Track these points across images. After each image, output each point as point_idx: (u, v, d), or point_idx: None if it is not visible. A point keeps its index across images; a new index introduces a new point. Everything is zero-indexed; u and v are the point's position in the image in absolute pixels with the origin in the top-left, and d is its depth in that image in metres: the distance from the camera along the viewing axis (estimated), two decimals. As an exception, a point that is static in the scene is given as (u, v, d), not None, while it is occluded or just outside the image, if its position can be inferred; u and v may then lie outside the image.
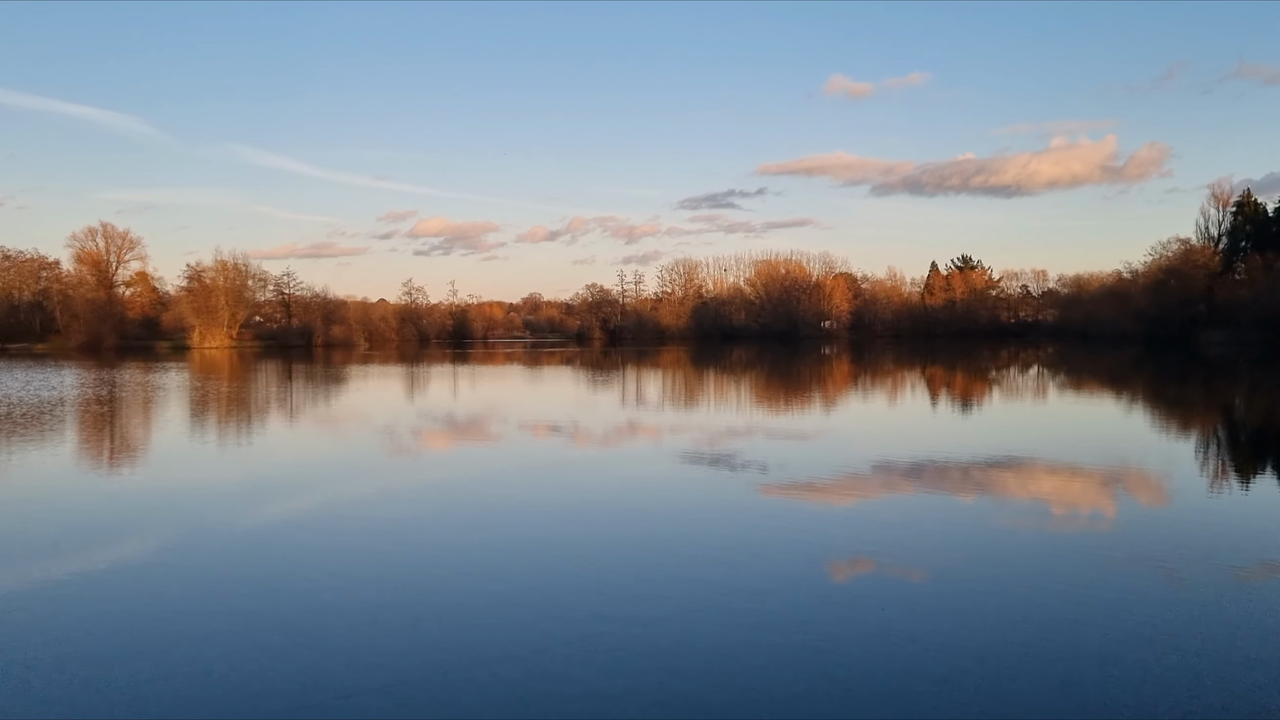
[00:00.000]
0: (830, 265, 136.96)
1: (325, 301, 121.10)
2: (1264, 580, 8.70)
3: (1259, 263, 77.03)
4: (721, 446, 18.81)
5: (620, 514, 12.21)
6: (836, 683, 6.22)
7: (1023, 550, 9.97)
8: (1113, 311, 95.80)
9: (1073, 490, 13.67)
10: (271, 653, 6.87)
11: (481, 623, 7.56)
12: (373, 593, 8.47)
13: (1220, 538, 10.40)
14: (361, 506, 13.07)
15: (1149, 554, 9.61)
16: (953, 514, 12.00)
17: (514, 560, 9.69)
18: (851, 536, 10.67)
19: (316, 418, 26.79)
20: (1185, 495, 13.38)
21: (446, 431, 22.66)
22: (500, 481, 15.31)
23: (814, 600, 8.09)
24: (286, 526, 11.68)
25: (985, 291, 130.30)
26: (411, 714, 5.80)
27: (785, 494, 13.41)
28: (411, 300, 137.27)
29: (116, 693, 6.15)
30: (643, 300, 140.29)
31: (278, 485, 15.05)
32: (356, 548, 10.32)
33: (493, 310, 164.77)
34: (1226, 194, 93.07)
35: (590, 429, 22.72)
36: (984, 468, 15.71)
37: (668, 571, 9.13)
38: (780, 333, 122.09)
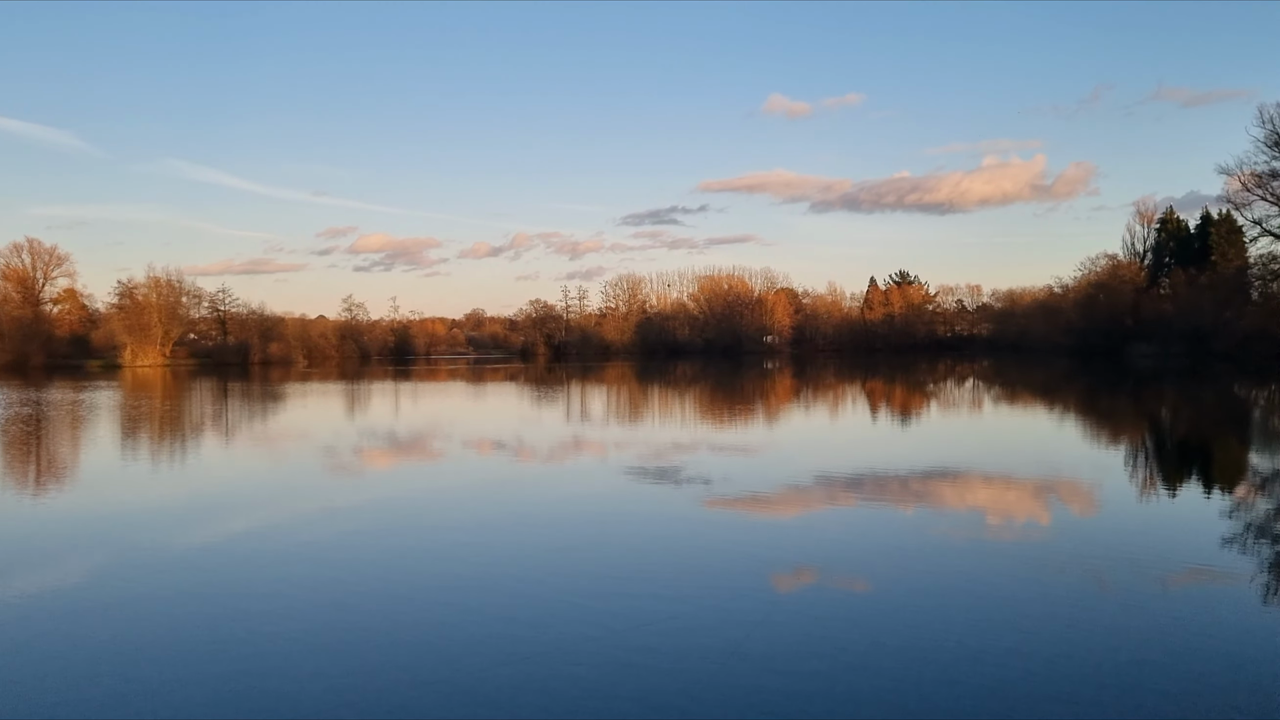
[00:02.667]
0: (772, 281, 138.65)
1: (262, 318, 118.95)
2: (1190, 585, 9.03)
3: (1182, 278, 79.70)
4: (666, 461, 18.92)
5: (564, 529, 12.21)
6: (780, 692, 6.31)
7: (960, 558, 10.21)
8: (1045, 325, 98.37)
9: (1008, 500, 14.03)
10: (210, 676, 6.76)
11: (426, 640, 7.52)
12: (315, 612, 8.38)
13: (1148, 544, 10.76)
14: (302, 526, 12.89)
15: (1080, 560, 9.91)
16: (893, 524, 12.23)
17: (457, 577, 9.65)
18: (795, 548, 10.83)
19: (254, 436, 26.32)
20: (1115, 503, 13.81)
21: (389, 449, 22.43)
22: (443, 499, 15.22)
23: (758, 611, 8.19)
24: (224, 548, 11.47)
25: (922, 306, 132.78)
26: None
27: (729, 507, 13.54)
28: (352, 317, 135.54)
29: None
30: (587, 316, 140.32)
31: (215, 506, 14.77)
32: (297, 568, 10.18)
33: (435, 326, 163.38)
34: (1151, 212, 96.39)
35: (535, 445, 22.67)
36: (922, 479, 16.03)
37: (611, 586, 9.17)
38: (724, 348, 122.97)
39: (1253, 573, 9.37)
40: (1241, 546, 10.60)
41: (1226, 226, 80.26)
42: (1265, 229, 69.71)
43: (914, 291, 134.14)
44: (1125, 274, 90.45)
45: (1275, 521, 12.27)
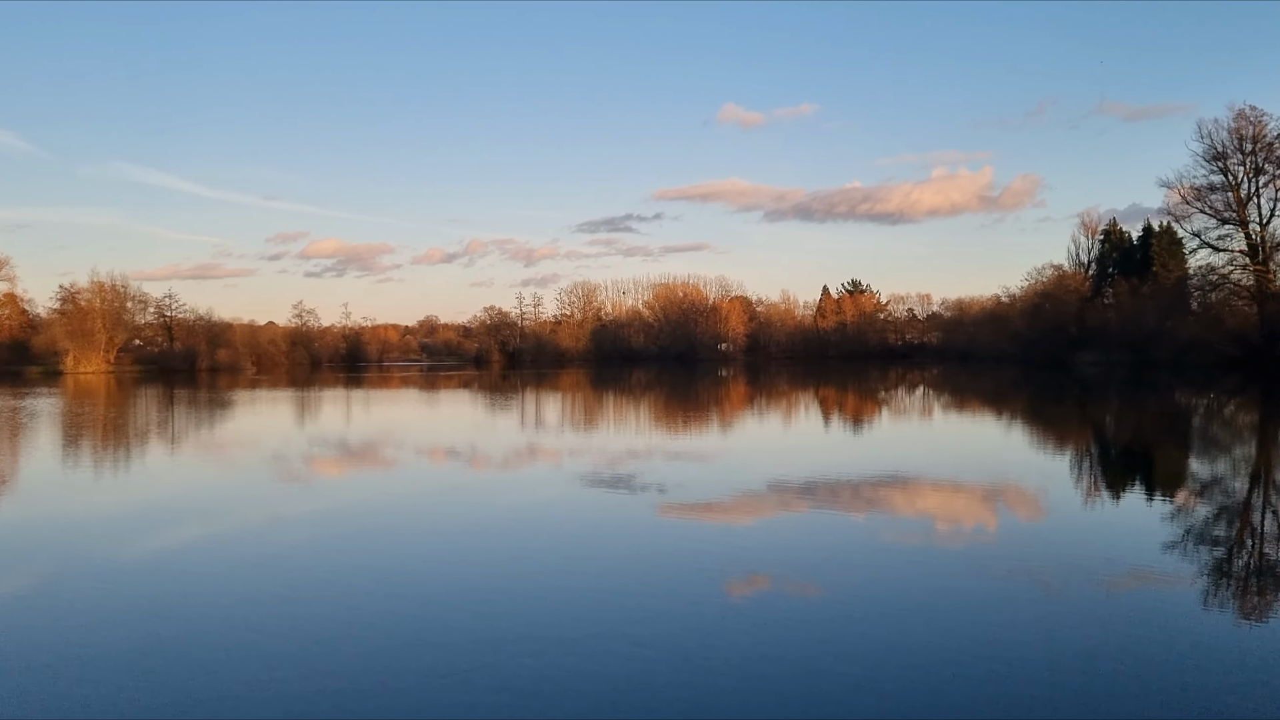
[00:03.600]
0: (726, 289, 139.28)
1: (210, 324, 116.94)
2: (1133, 588, 9.24)
3: (1125, 287, 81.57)
4: (621, 468, 18.92)
5: (517, 537, 12.15)
6: (733, 695, 6.35)
7: (910, 564, 10.34)
8: (993, 334, 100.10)
9: (957, 506, 14.24)
10: (157, 687, 6.63)
11: (377, 649, 7.44)
12: (263, 622, 8.24)
13: (1092, 549, 11.00)
14: (251, 535, 12.68)
15: (1026, 565, 10.10)
16: (845, 530, 12.36)
17: (407, 586, 9.56)
18: (748, 554, 10.89)
19: (201, 444, 25.84)
20: (1061, 509, 14.08)
21: (339, 457, 22.16)
22: (396, 507, 15.07)
23: (711, 616, 8.23)
24: (171, 557, 11.24)
25: (874, 315, 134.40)
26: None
27: (683, 514, 13.58)
28: (302, 323, 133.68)
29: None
30: (542, 323, 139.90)
31: (161, 515, 14.47)
32: (244, 578, 10.01)
33: (388, 333, 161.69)
34: (1095, 223, 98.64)
35: (488, 453, 22.54)
36: (874, 485, 16.21)
37: (567, 594, 9.14)
38: (678, 355, 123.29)
39: (1192, 576, 9.61)
40: (1182, 551, 10.86)
41: (1167, 238, 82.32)
42: (1204, 241, 71.63)
43: (866, 300, 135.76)
44: (1070, 284, 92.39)
45: (1213, 526, 12.60)
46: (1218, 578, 9.75)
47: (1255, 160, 66.98)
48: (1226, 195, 68.76)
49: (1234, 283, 69.96)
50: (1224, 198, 68.96)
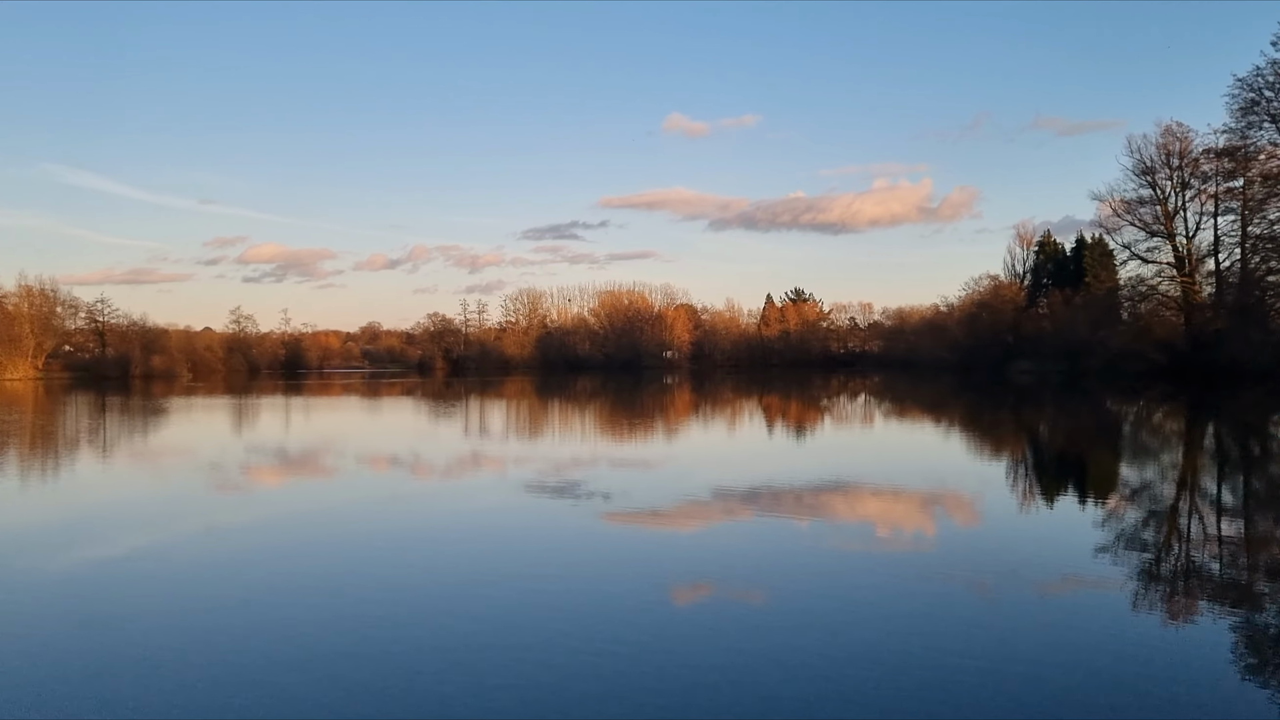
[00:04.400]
0: (672, 297, 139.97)
1: (144, 330, 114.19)
2: (1063, 592, 9.48)
3: (1059, 298, 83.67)
4: (566, 476, 18.87)
5: (460, 545, 12.06)
6: (673, 709, 6.37)
7: (851, 569, 10.48)
8: (932, 342, 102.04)
9: (897, 512, 14.47)
10: (89, 703, 6.44)
11: (316, 658, 7.32)
12: (198, 634, 8.06)
13: (1026, 553, 11.26)
14: (185, 546, 12.38)
15: (962, 570, 10.29)
16: (787, 537, 12.48)
17: (350, 596, 9.42)
18: (692, 561, 10.94)
19: (134, 453, 25.17)
20: (996, 514, 14.38)
21: (277, 466, 21.76)
22: (336, 516, 14.84)
23: (655, 622, 8.24)
24: (102, 570, 10.92)
25: (817, 323, 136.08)
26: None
27: (628, 521, 13.59)
28: (240, 329, 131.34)
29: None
30: (486, 330, 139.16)
31: (91, 526, 14.06)
32: (180, 589, 9.78)
33: (329, 340, 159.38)
34: (1030, 235, 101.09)
35: (431, 461, 22.33)
36: (816, 492, 16.39)
37: (510, 601, 9.09)
38: (624, 363, 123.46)
39: (1122, 580, 9.88)
40: (1113, 555, 11.16)
41: (1099, 250, 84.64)
42: (1134, 253, 73.83)
43: (809, 309, 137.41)
44: (1006, 294, 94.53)
45: (1143, 531, 12.97)
46: (1147, 581, 10.03)
47: (1182, 175, 69.30)
48: (1155, 209, 71.01)
49: (1162, 293, 72.21)
50: (1152, 211, 71.22)
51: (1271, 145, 59.72)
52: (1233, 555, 11.55)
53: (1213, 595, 9.49)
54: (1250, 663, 7.28)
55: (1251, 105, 58.53)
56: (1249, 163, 61.58)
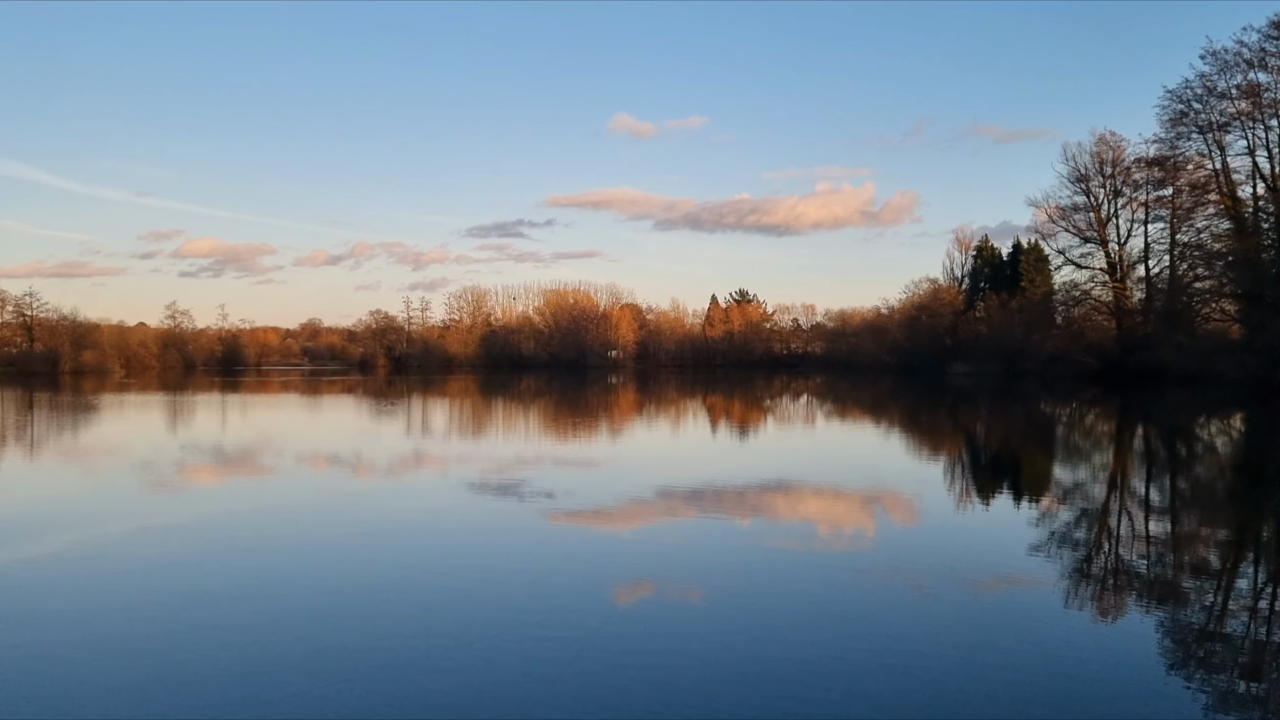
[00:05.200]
0: (617, 296, 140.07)
1: (75, 324, 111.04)
2: (998, 590, 9.66)
3: (995, 302, 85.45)
4: (509, 475, 18.75)
5: (403, 545, 11.91)
6: (611, 706, 6.35)
7: (792, 568, 10.57)
8: (872, 344, 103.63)
9: (836, 511, 14.63)
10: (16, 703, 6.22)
11: (253, 661, 7.16)
12: (126, 638, 7.83)
13: (962, 552, 11.46)
14: (115, 547, 12.03)
15: (900, 569, 10.44)
16: (729, 536, 12.54)
17: (287, 599, 9.24)
18: (635, 560, 10.94)
19: (61, 451, 24.40)
20: (933, 514, 14.62)
21: (212, 465, 21.28)
22: (273, 517, 14.55)
23: (597, 622, 8.22)
24: (26, 572, 10.56)
25: (761, 324, 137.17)
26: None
27: (572, 521, 13.55)
28: (176, 324, 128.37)
29: None
30: (430, 328, 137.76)
31: (15, 526, 13.59)
32: (108, 592, 9.50)
33: (268, 336, 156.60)
34: (968, 239, 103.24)
35: (371, 460, 22.02)
36: (758, 492, 16.51)
37: (453, 601, 8.99)
38: (569, 362, 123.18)
39: (1055, 578, 10.10)
40: (1046, 554, 11.41)
41: (1035, 255, 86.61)
42: (1068, 258, 75.84)
43: (753, 310, 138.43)
44: (945, 297, 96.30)
45: (1075, 530, 13.28)
46: (1078, 579, 10.27)
47: (1115, 183, 71.32)
48: (1089, 215, 72.96)
49: (1095, 298, 74.22)
50: (1086, 218, 73.17)
51: (1199, 155, 61.78)
52: (1160, 554, 11.88)
53: (1141, 593, 9.75)
54: (1177, 658, 7.49)
55: (1180, 116, 60.44)
56: (1178, 172, 63.56)
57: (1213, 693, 6.71)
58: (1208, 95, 58.51)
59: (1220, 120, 58.60)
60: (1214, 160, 60.62)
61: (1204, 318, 62.58)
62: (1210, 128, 59.23)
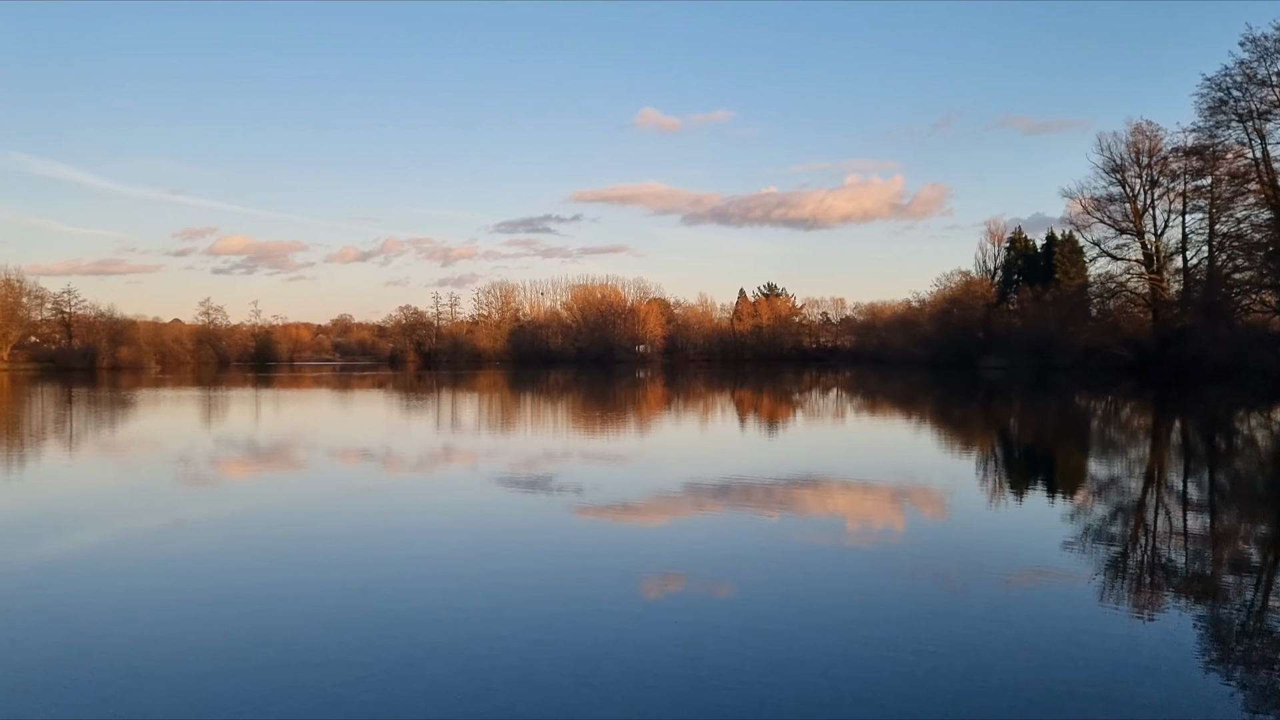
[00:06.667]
0: (645, 291, 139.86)
1: (111, 321, 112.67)
2: (1031, 585, 9.53)
3: (1029, 294, 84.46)
4: (538, 470, 18.79)
5: (432, 539, 11.96)
6: (644, 700, 6.33)
7: (820, 563, 10.49)
8: (903, 338, 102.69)
9: (866, 506, 14.51)
10: (55, 702, 6.31)
11: (283, 655, 7.21)
12: (164, 630, 7.92)
13: (995, 547, 11.32)
14: (153, 540, 12.18)
15: (931, 564, 10.33)
16: (757, 531, 12.47)
17: (320, 590, 9.30)
18: (663, 554, 10.91)
19: (100, 445, 24.78)
20: (965, 509, 14.46)
21: (246, 459, 21.50)
22: (305, 510, 14.68)
23: (627, 616, 8.20)
24: (66, 564, 10.72)
25: (789, 318, 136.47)
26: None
27: (600, 515, 13.54)
28: (210, 321, 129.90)
29: None
30: (459, 323, 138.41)
31: (55, 519, 13.80)
32: (145, 584, 9.62)
33: (300, 332, 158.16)
34: (1000, 231, 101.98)
35: (402, 454, 22.15)
36: (786, 486, 16.42)
37: (482, 595, 9.01)
38: (596, 357, 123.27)
39: (1090, 574, 9.95)
40: (1080, 549, 11.25)
41: (1069, 247, 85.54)
42: (1103, 250, 74.76)
43: (781, 304, 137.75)
44: (977, 290, 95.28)
45: (1110, 525, 13.09)
46: (1113, 574, 10.11)
47: (1151, 173, 70.19)
48: (1124, 206, 71.92)
49: (1130, 290, 73.13)
50: (1122, 209, 72.13)
51: (1239, 144, 60.71)
52: (1199, 549, 11.67)
53: (1179, 589, 9.58)
54: (1215, 656, 7.35)
55: (1219, 105, 59.37)
56: (1217, 161, 62.49)
57: (1252, 691, 6.57)
58: (1247, 83, 57.49)
59: (1260, 108, 57.55)
60: (1254, 149, 59.60)
61: (1243, 309, 61.53)
62: (1250, 116, 58.17)
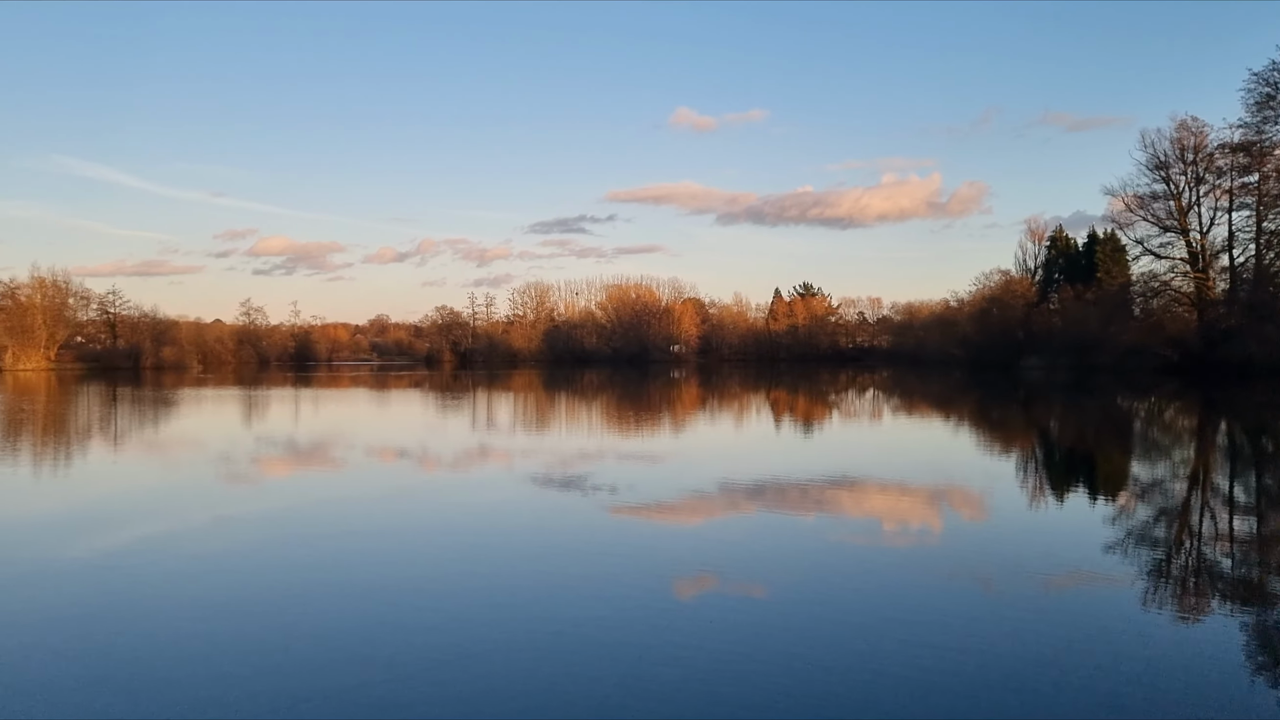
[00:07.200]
0: (679, 291, 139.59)
1: (155, 321, 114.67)
2: (1070, 587, 9.39)
3: (1070, 293, 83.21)
4: (572, 469, 18.83)
5: (468, 538, 12.03)
6: (679, 701, 6.32)
7: (855, 564, 10.41)
8: (941, 338, 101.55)
9: (902, 507, 14.38)
10: (95, 696, 6.43)
11: (323, 651, 7.29)
12: (202, 626, 8.04)
13: (1033, 549, 11.16)
14: (193, 537, 12.38)
15: (969, 566, 10.21)
16: (792, 531, 12.41)
17: (356, 589, 9.40)
18: (697, 555, 10.89)
19: (144, 443, 25.23)
20: (1004, 510, 14.28)
21: (286, 457, 21.78)
22: (343, 508, 14.83)
23: (662, 616, 8.19)
24: (109, 560, 10.92)
25: (825, 318, 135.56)
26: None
27: (634, 514, 13.54)
28: (250, 321, 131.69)
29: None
30: (494, 323, 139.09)
31: (99, 516, 14.08)
32: (186, 581, 9.77)
33: (338, 332, 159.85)
34: (1041, 230, 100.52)
35: (439, 453, 22.32)
36: (822, 487, 16.31)
37: (515, 595, 9.05)
38: (631, 357, 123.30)
39: (1132, 577, 9.78)
40: (1122, 552, 11.06)
41: (1111, 245, 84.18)
42: (1146, 248, 73.38)
43: (817, 303, 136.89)
44: (1017, 289, 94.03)
45: (1154, 527, 12.86)
46: (1157, 577, 9.93)
47: (1196, 170, 68.81)
48: (1168, 204, 70.53)
49: (1175, 289, 71.75)
50: (1166, 206, 70.74)
51: (1287, 140, 59.29)
52: (1244, 553, 11.43)
53: (1224, 593, 9.39)
54: (1261, 661, 7.19)
55: (1267, 100, 58.13)
56: (1264, 158, 61.15)
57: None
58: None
59: (1310, 103, 56.24)
60: (1303, 144, 58.18)
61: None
62: (1299, 110, 56.86)
